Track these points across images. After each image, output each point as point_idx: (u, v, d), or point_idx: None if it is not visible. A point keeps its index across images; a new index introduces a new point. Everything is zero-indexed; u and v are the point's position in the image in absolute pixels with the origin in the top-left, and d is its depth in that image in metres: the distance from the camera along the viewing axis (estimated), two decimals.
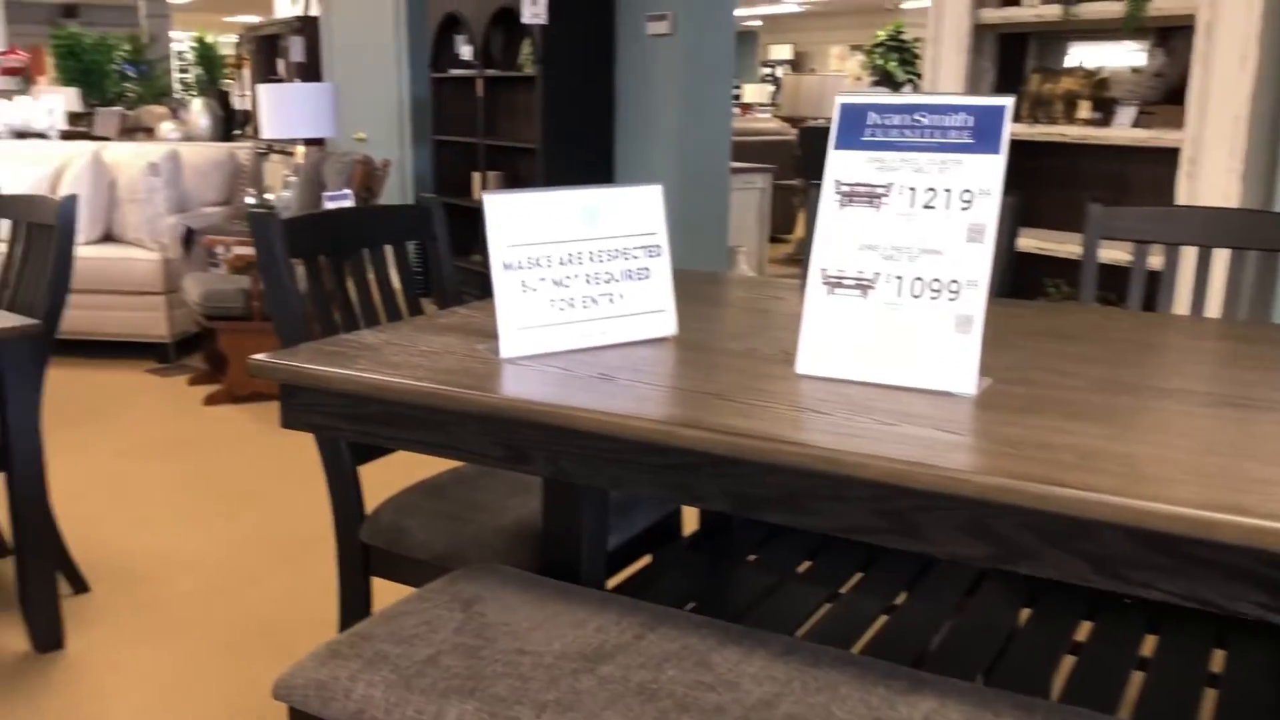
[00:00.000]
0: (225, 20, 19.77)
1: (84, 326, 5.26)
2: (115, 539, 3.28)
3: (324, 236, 1.98)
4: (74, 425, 4.38)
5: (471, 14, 6.26)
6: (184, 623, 2.77)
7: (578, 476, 1.36)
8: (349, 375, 1.45)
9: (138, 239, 5.35)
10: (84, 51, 12.85)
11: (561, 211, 1.59)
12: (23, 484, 2.55)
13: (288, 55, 8.62)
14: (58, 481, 3.72)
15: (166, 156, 5.36)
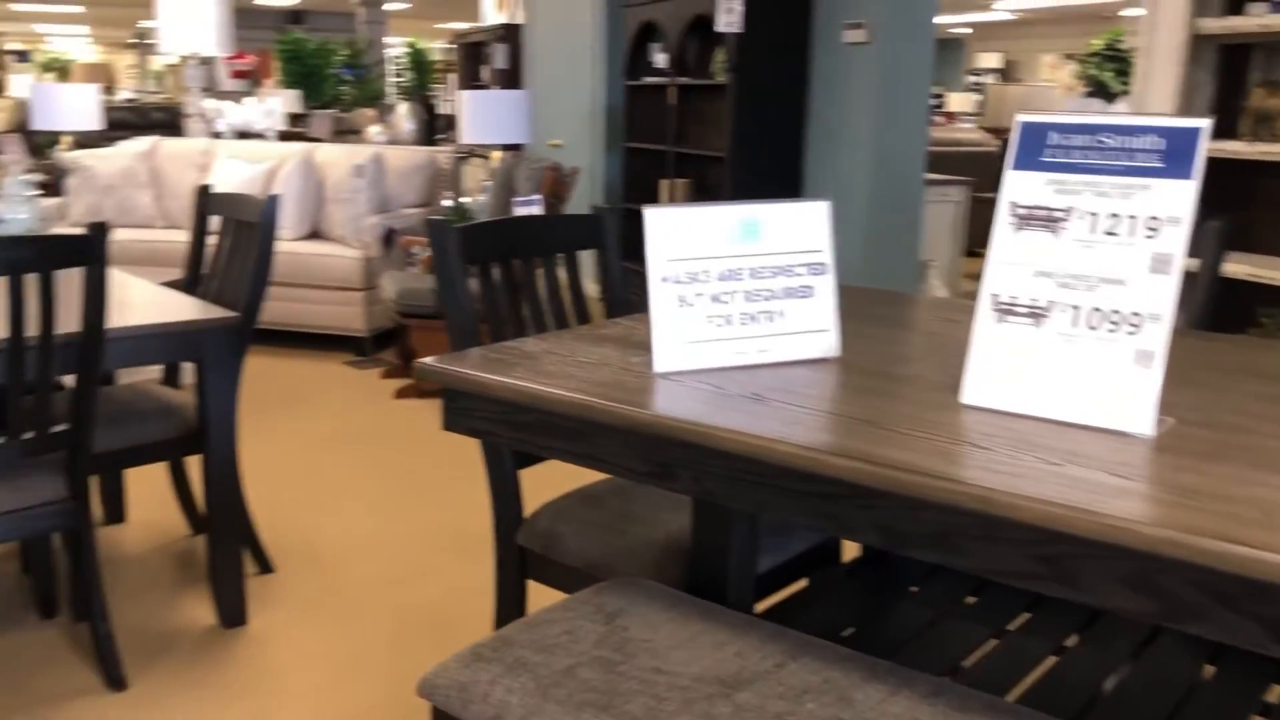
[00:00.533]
0: (437, 27, 20.60)
1: (289, 318, 5.57)
2: (302, 523, 3.44)
3: (498, 243, 2.02)
4: (273, 412, 4.63)
5: (667, 22, 6.31)
6: (357, 607, 2.89)
7: (721, 497, 1.34)
8: (505, 383, 1.47)
9: (341, 237, 5.62)
10: (306, 56, 13.62)
11: (722, 226, 1.57)
12: (217, 466, 2.71)
13: (491, 62, 8.89)
14: (253, 465, 3.94)
15: (371, 159, 5.62)
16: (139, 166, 6.09)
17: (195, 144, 6.37)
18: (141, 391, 2.98)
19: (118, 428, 2.75)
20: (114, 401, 2.87)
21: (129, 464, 2.81)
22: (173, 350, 2.57)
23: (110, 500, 3.42)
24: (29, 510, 2.35)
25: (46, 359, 2.26)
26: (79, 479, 2.41)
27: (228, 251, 3.08)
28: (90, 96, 6.09)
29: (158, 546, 3.24)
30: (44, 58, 21.84)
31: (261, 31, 17.94)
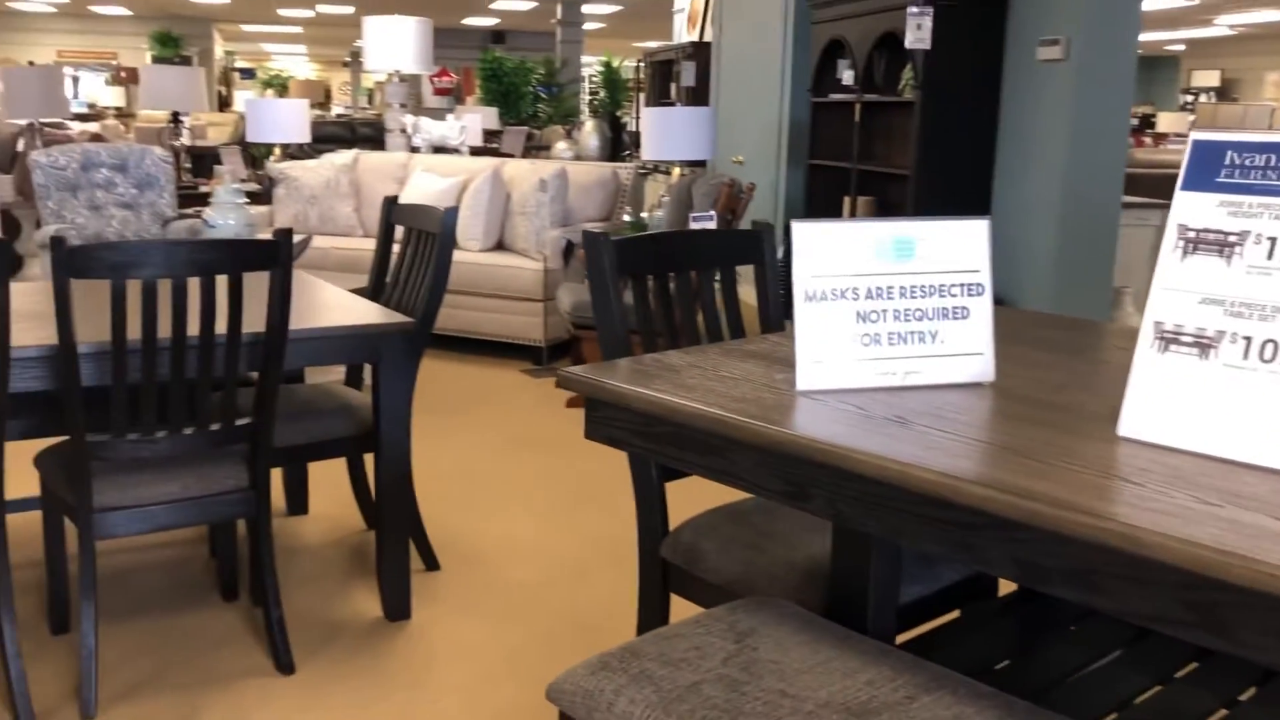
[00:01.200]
0: (634, 45, 20.94)
1: (472, 326, 5.75)
2: (468, 523, 3.54)
3: (652, 256, 2.03)
4: (450, 415, 4.79)
5: (855, 39, 6.23)
6: (515, 608, 2.95)
7: (856, 522, 1.30)
8: (642, 394, 1.47)
9: (524, 249, 5.78)
10: (505, 74, 14.07)
11: (874, 243, 1.53)
12: (389, 464, 2.82)
13: (680, 79, 8.97)
14: (427, 465, 4.08)
15: (555, 174, 5.75)
16: (341, 178, 6.41)
17: (394, 157, 6.67)
18: (324, 390, 3.13)
19: (299, 423, 2.90)
20: (298, 399, 3.02)
21: (307, 459, 2.95)
22: (351, 352, 2.70)
23: (294, 493, 3.61)
24: (213, 497, 2.50)
25: (234, 356, 2.40)
26: (259, 470, 2.55)
27: (409, 260, 3.21)
28: (299, 111, 6.46)
29: (334, 539, 3.40)
30: (266, 75, 23.32)
31: (467, 51, 18.67)
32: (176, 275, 2.26)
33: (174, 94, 7.23)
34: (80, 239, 5.71)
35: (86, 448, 2.33)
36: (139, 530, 2.44)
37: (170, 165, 6.15)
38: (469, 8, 16.61)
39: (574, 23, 15.61)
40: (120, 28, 18.54)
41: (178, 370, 2.34)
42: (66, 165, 5.87)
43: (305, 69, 27.62)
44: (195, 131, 12.40)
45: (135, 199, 6.04)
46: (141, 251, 2.21)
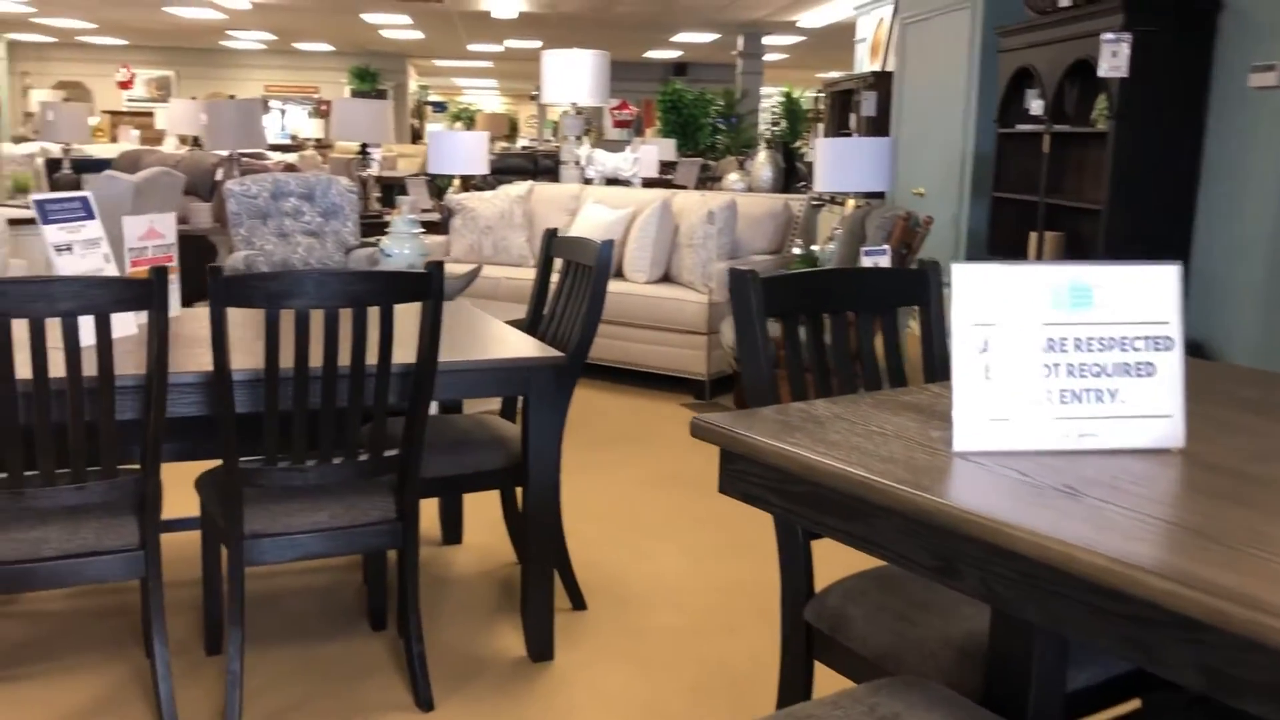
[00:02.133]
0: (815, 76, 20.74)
1: (635, 358, 5.71)
2: (618, 562, 3.47)
3: (804, 296, 1.91)
4: (607, 448, 4.74)
5: (1045, 67, 5.93)
6: (661, 656, 2.84)
7: (1012, 605, 1.15)
8: (779, 449, 1.36)
9: (690, 282, 5.71)
10: (684, 106, 14.12)
11: (1046, 288, 1.37)
12: (536, 499, 2.77)
13: (859, 109, 8.78)
14: (579, 499, 4.03)
15: (724, 206, 5.67)
16: (515, 209, 6.50)
17: (567, 189, 6.72)
18: (478, 421, 3.11)
19: (451, 454, 2.88)
20: (452, 429, 3.01)
21: (457, 490, 2.94)
22: (500, 385, 2.66)
23: (449, 521, 3.61)
24: (360, 528, 2.50)
25: (383, 386, 2.40)
26: (407, 502, 2.53)
27: (566, 293, 3.17)
28: (479, 144, 6.59)
29: (484, 570, 3.37)
30: (456, 108, 24.16)
31: (648, 83, 18.88)
32: (328, 306, 2.27)
33: (362, 126, 7.50)
34: (268, 265, 5.96)
35: (239, 474, 2.36)
36: (287, 558, 2.45)
37: (355, 195, 6.36)
38: (651, 42, 16.80)
39: (755, 54, 15.56)
40: (322, 63, 19.54)
41: (328, 400, 2.35)
42: (258, 194, 6.13)
43: (494, 102, 28.52)
44: (386, 162, 12.91)
45: (321, 227, 6.26)
46: (295, 282, 2.22)
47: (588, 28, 15.02)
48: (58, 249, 2.63)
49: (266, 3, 13.29)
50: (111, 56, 18.83)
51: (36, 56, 18.84)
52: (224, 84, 19.15)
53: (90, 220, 2.74)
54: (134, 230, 2.92)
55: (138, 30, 16.83)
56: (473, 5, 13.01)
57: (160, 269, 2.17)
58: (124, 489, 2.29)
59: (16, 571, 2.24)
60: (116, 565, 2.32)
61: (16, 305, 2.05)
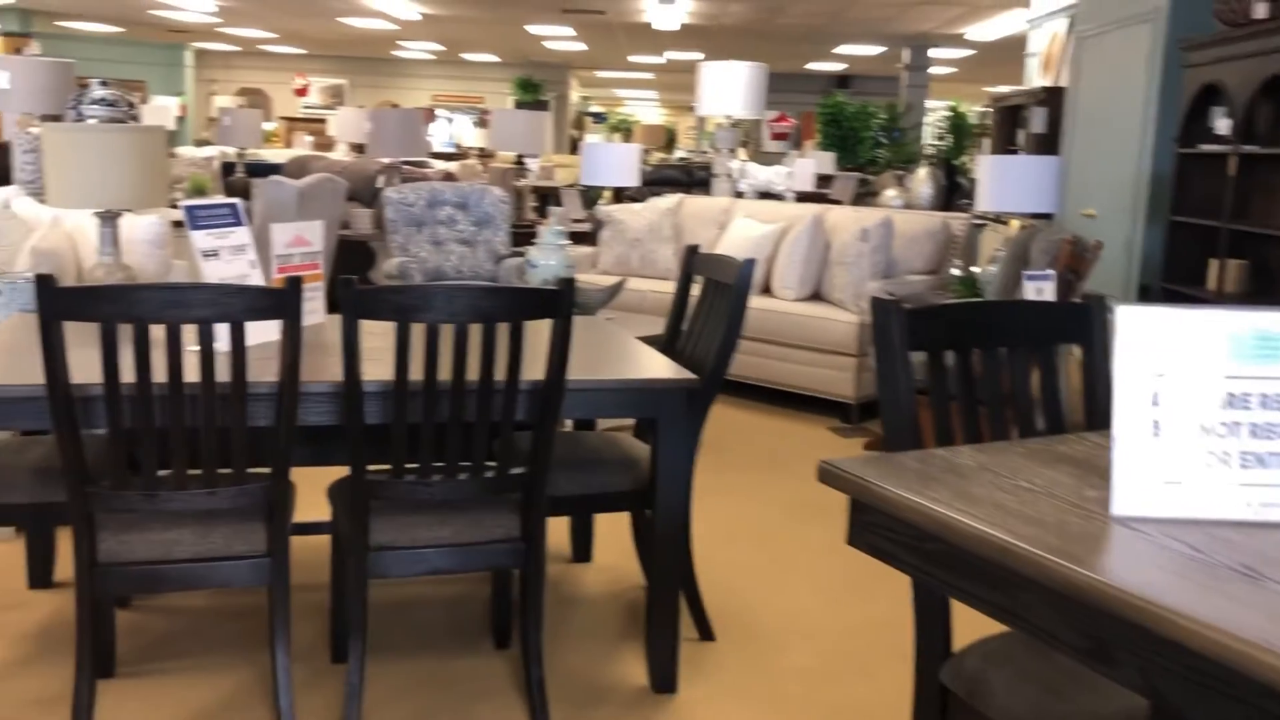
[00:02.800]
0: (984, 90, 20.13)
1: (780, 377, 5.57)
2: (749, 592, 3.35)
3: (953, 329, 1.77)
4: (746, 470, 4.62)
5: (1235, 83, 5.54)
6: (790, 697, 2.72)
7: (1174, 704, 1.00)
8: (912, 503, 1.23)
9: (840, 301, 5.54)
10: (845, 119, 13.87)
11: (1227, 337, 1.21)
12: (663, 525, 2.68)
13: (1028, 126, 8.42)
14: (712, 523, 3.92)
15: (879, 223, 5.48)
16: (664, 222, 6.44)
17: (717, 202, 6.63)
18: (610, 440, 3.05)
19: (579, 473, 2.82)
20: (583, 447, 2.95)
21: (583, 511, 2.87)
22: (628, 406, 2.58)
23: (579, 539, 3.55)
24: (483, 545, 2.46)
25: (511, 403, 2.35)
26: (531, 521, 2.48)
27: (705, 312, 3.08)
28: (630, 155, 6.56)
29: (612, 592, 3.30)
30: (615, 119, 24.38)
31: (810, 95, 18.65)
32: (458, 320, 2.23)
33: (519, 137, 7.58)
34: (421, 272, 6.06)
35: (366, 485, 2.35)
36: (410, 573, 2.42)
37: (507, 205, 6.41)
38: (814, 54, 16.59)
39: (921, 67, 15.18)
40: (488, 74, 19.99)
41: (456, 415, 2.31)
42: (414, 202, 6.25)
43: (655, 114, 28.70)
44: (543, 172, 13.08)
45: (473, 236, 6.34)
46: (424, 296, 2.19)
47: (750, 39, 14.93)
48: (205, 254, 2.68)
49: (435, 14, 13.64)
50: (290, 65, 19.68)
51: (223, 65, 19.84)
52: (394, 93, 19.79)
53: (238, 226, 2.79)
54: (281, 237, 2.96)
55: (315, 40, 17.54)
56: (634, 17, 13.07)
57: (294, 279, 2.17)
58: (253, 495, 2.29)
59: (150, 572, 2.28)
60: (244, 571, 2.33)
61: (153, 312, 2.08)
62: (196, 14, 14.18)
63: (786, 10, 12.00)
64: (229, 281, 2.71)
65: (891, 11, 11.81)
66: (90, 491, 2.20)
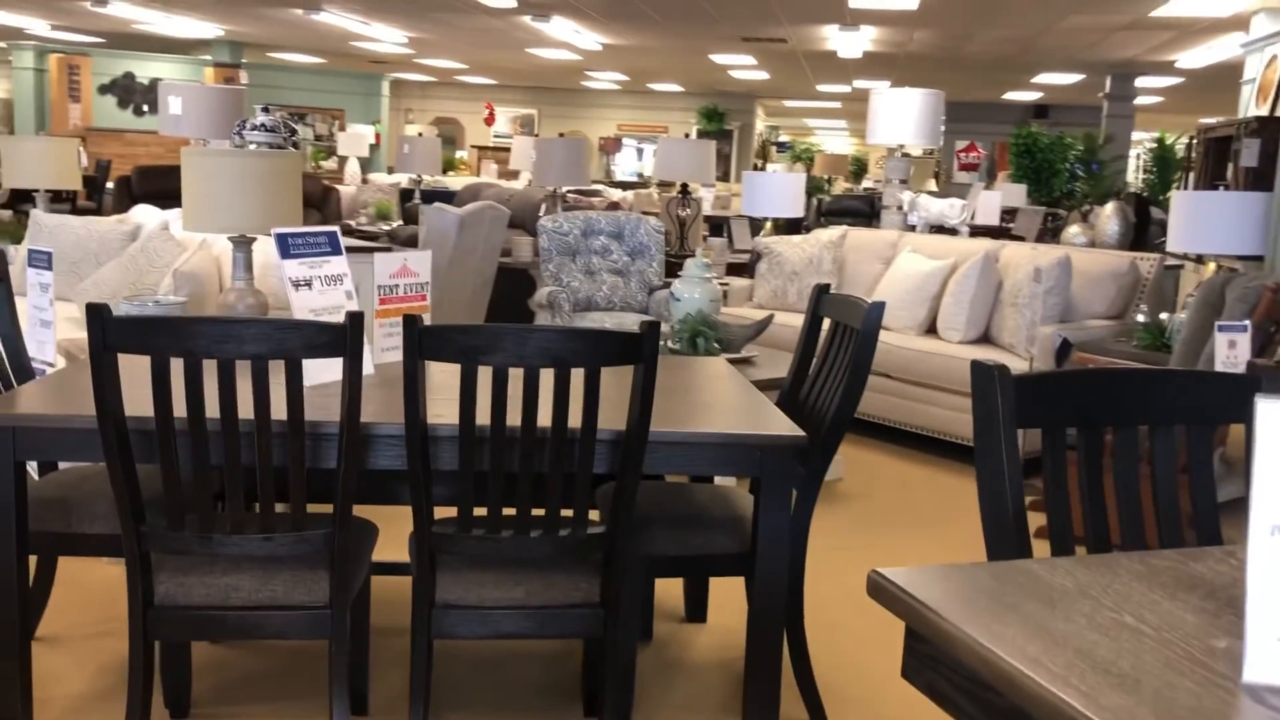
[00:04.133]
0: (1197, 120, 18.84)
1: (939, 425, 5.17)
2: (876, 673, 3.02)
3: (1077, 401, 1.45)
4: (890, 526, 4.26)
5: None
6: None
7: None
8: (970, 641, 0.94)
9: (1010, 345, 5.10)
10: (1038, 150, 13.16)
11: None
12: (761, 597, 2.40)
13: (1238, 159, 7.69)
14: (838, 586, 3.60)
15: (1055, 262, 5.03)
16: (825, 255, 6.14)
17: (883, 236, 6.28)
18: (718, 495, 2.79)
19: (679, 531, 2.57)
20: (686, 501, 2.71)
21: (679, 573, 2.63)
22: (726, 463, 2.33)
23: (694, 597, 3.30)
24: (556, 609, 2.24)
25: (587, 456, 2.13)
26: (612, 585, 2.25)
27: (831, 358, 2.79)
28: (791, 185, 6.29)
29: (723, 660, 3.03)
30: (799, 149, 24.02)
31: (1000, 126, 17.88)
32: (528, 364, 2.04)
33: (681, 166, 7.41)
34: (572, 301, 5.94)
35: (431, 538, 2.17)
36: (476, 635, 2.23)
37: (662, 235, 6.24)
38: (1010, 83, 15.87)
39: (1124, 97, 14.28)
40: (672, 103, 20.00)
41: (526, 466, 2.11)
42: (569, 231, 6.15)
43: (844, 143, 28.17)
44: (718, 202, 12.90)
45: (626, 266, 6.19)
46: (493, 337, 2.00)
47: (938, 68, 14.38)
48: (295, 284, 2.58)
49: (617, 44, 13.69)
50: (483, 95, 20.21)
51: (419, 94, 20.56)
52: (581, 122, 20.05)
53: (334, 256, 2.68)
54: (385, 267, 2.85)
55: (505, 70, 17.94)
56: (817, 45, 12.77)
57: (356, 315, 2.02)
58: (313, 544, 2.15)
59: (205, 617, 2.16)
60: (302, 622, 2.19)
61: (206, 346, 1.96)
62: (390, 45, 14.68)
63: (975, 38, 11.47)
64: (323, 312, 2.61)
65: (1092, 38, 11.12)
66: (144, 531, 2.10)
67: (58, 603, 3.08)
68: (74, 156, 5.92)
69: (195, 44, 15.58)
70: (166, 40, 15.26)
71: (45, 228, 5.23)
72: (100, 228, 5.20)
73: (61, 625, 2.99)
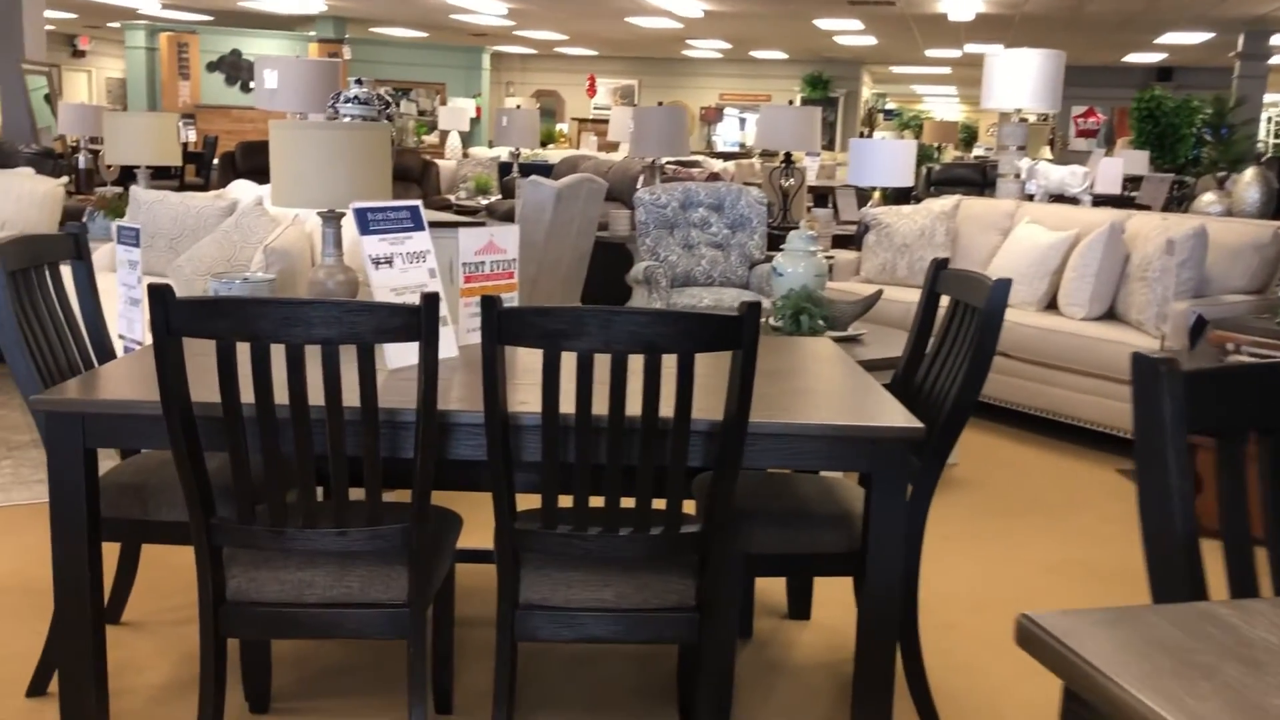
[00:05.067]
0: None
1: (1062, 407, 4.86)
2: (993, 677, 2.79)
3: (1255, 402, 1.22)
4: (1009, 515, 4.00)
5: None
6: None
7: None
8: (1145, 710, 0.74)
9: (1139, 322, 4.77)
10: (1162, 114, 12.51)
11: None
12: (872, 600, 2.20)
13: None
14: (953, 583, 3.36)
15: (1190, 233, 4.67)
16: (937, 226, 5.84)
17: (999, 205, 5.95)
18: (825, 487, 2.59)
19: (783, 527, 2.38)
20: (792, 494, 2.52)
21: (783, 573, 2.44)
22: (833, 457, 2.12)
23: (797, 593, 3.10)
24: (648, 613, 2.08)
25: (680, 448, 1.95)
26: (708, 588, 2.07)
27: (950, 341, 2.56)
28: (901, 153, 5.99)
29: (828, 662, 2.84)
30: (906, 116, 23.36)
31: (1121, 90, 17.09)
32: (615, 350, 1.86)
33: (785, 134, 7.14)
34: (668, 277, 5.75)
35: (513, 535, 2.02)
36: (563, 638, 2.08)
37: (764, 207, 6.01)
38: (1131, 44, 15.12)
39: (1258, 56, 13.46)
40: (776, 71, 19.60)
41: (614, 459, 1.95)
42: (667, 203, 5.95)
43: (954, 110, 27.35)
44: (823, 171, 12.55)
45: (727, 239, 5.98)
46: (575, 321, 1.84)
47: (1056, 29, 13.75)
48: (375, 262, 2.45)
49: (719, 10, 13.39)
50: (583, 67, 20.08)
51: (519, 67, 20.51)
52: (683, 92, 19.78)
53: (417, 232, 2.54)
54: (470, 244, 2.70)
55: (605, 41, 17.76)
56: (927, 7, 12.29)
57: (431, 296, 1.87)
58: (388, 539, 2.02)
59: (278, 615, 2.05)
60: (379, 621, 2.06)
61: (272, 330, 1.83)
62: (490, 17, 14.61)
63: None
64: (404, 291, 2.48)
65: None
66: (213, 523, 1.99)
67: (144, 587, 3.03)
68: (174, 132, 5.92)
69: (300, 20, 15.74)
70: (272, 17, 15.44)
71: (144, 203, 5.24)
72: (197, 203, 5.19)
73: (147, 610, 2.93)
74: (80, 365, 2.61)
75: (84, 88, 19.61)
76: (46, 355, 2.45)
